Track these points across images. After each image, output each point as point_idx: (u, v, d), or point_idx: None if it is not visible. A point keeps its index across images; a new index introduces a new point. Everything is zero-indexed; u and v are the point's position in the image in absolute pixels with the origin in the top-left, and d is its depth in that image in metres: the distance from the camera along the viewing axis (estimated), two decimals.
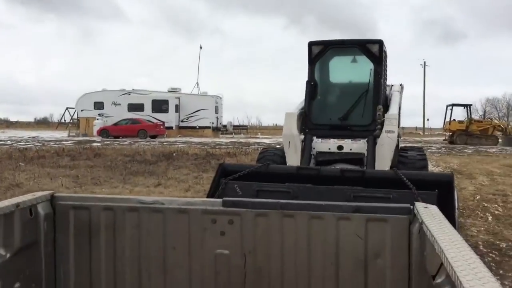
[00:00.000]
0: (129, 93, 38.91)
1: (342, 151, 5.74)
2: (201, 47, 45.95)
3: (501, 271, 4.63)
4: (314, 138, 5.90)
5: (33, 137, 33.39)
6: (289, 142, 5.92)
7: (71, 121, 45.80)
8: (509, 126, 31.64)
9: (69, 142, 26.96)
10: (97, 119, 36.44)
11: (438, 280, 1.76)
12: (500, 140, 29.92)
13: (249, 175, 4.45)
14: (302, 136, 5.96)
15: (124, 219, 2.69)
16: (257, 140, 32.47)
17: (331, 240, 2.49)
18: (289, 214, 2.54)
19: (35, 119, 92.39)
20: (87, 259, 2.73)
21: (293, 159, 5.84)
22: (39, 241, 2.61)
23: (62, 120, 51.44)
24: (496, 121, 34.71)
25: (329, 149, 5.80)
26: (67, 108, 47.50)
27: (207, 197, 4.36)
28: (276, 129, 55.99)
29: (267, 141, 31.08)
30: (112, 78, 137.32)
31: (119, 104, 37.91)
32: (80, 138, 32.91)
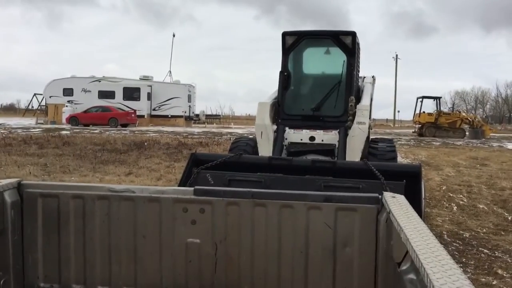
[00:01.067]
0: (99, 80, 38.16)
1: (314, 142, 5.80)
2: (174, 35, 45.41)
3: (464, 259, 4.79)
4: (287, 128, 5.94)
5: (0, 124, 32.46)
6: (261, 132, 5.94)
7: (39, 108, 44.61)
8: (476, 119, 32.47)
9: (37, 129, 26.30)
10: (66, 106, 35.61)
11: (403, 267, 1.82)
12: (467, 133, 30.71)
13: (222, 165, 4.46)
14: (275, 127, 5.99)
15: (94, 207, 2.67)
16: (230, 130, 32.41)
17: (301, 229, 2.53)
18: (260, 203, 2.56)
19: (1, 105, 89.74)
20: (56, 247, 2.69)
21: (266, 149, 5.86)
22: (6, 229, 2.56)
23: (30, 107, 49.97)
24: (464, 114, 35.53)
25: (301, 139, 5.85)
26: (34, 94, 46.15)
27: (179, 186, 4.34)
28: (249, 119, 55.97)
29: (240, 131, 31.06)
30: (81, 64, 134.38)
31: (89, 91, 37.16)
32: (49, 126, 32.13)
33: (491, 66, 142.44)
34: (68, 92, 37.66)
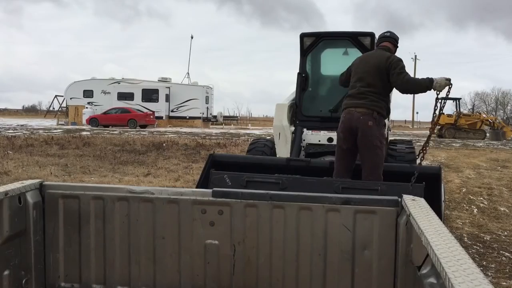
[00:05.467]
0: (118, 82, 38.65)
1: (332, 143, 5.77)
2: (192, 37, 45.42)
3: (484, 263, 4.71)
4: (305, 130, 5.93)
5: (22, 125, 33.04)
6: (279, 133, 5.94)
7: (59, 109, 45.42)
8: (497, 121, 31.94)
9: (58, 130, 26.73)
10: (86, 107, 36.16)
11: (423, 271, 1.80)
12: (487, 134, 30.21)
13: (239, 166, 4.47)
14: (293, 128, 5.98)
15: (114, 208, 2.70)
16: (248, 131, 32.45)
17: (319, 231, 2.52)
18: (278, 205, 2.56)
19: (23, 107, 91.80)
20: (76, 248, 2.73)
21: (283, 150, 5.86)
22: (28, 230, 2.60)
23: (51, 108, 51.02)
24: (484, 115, 34.97)
25: (319, 141, 5.83)
26: (56, 96, 47.07)
27: (197, 187, 4.37)
28: (266, 120, 55.92)
29: (257, 132, 31.08)
30: (84, 66, 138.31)
31: (109, 93, 37.68)
32: (69, 127, 32.64)
33: None
34: (88, 93, 38.28)
